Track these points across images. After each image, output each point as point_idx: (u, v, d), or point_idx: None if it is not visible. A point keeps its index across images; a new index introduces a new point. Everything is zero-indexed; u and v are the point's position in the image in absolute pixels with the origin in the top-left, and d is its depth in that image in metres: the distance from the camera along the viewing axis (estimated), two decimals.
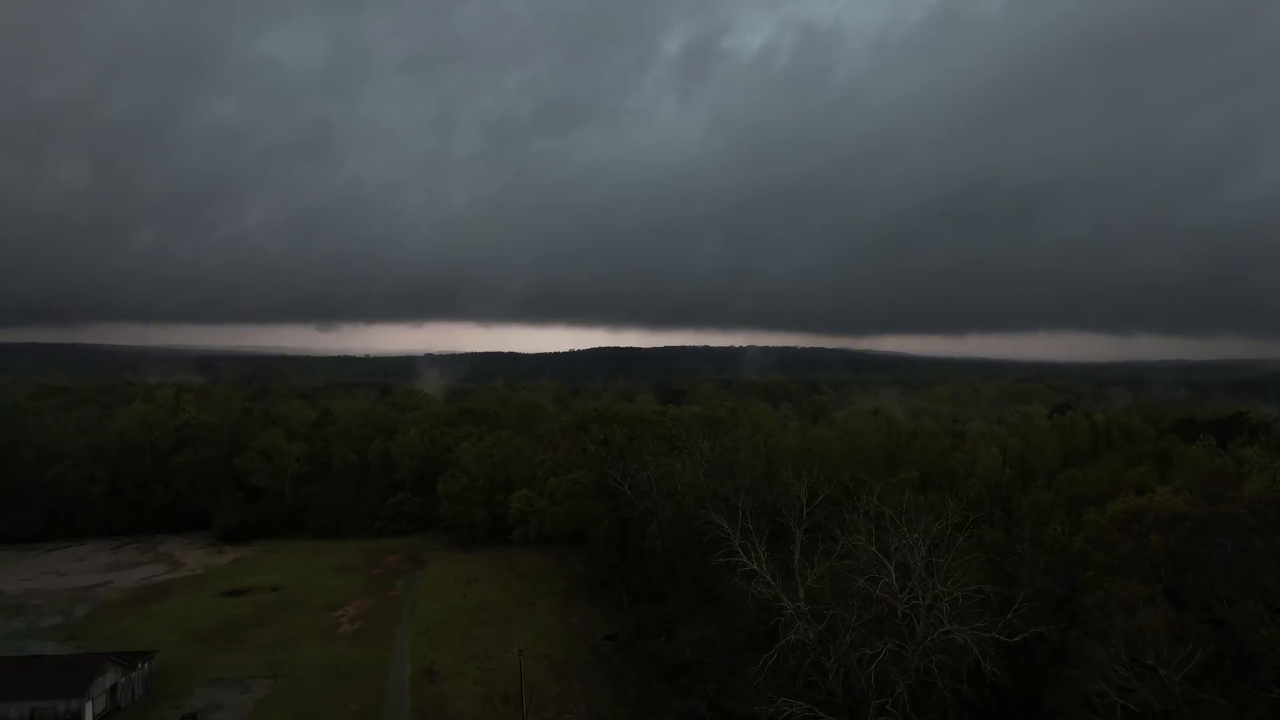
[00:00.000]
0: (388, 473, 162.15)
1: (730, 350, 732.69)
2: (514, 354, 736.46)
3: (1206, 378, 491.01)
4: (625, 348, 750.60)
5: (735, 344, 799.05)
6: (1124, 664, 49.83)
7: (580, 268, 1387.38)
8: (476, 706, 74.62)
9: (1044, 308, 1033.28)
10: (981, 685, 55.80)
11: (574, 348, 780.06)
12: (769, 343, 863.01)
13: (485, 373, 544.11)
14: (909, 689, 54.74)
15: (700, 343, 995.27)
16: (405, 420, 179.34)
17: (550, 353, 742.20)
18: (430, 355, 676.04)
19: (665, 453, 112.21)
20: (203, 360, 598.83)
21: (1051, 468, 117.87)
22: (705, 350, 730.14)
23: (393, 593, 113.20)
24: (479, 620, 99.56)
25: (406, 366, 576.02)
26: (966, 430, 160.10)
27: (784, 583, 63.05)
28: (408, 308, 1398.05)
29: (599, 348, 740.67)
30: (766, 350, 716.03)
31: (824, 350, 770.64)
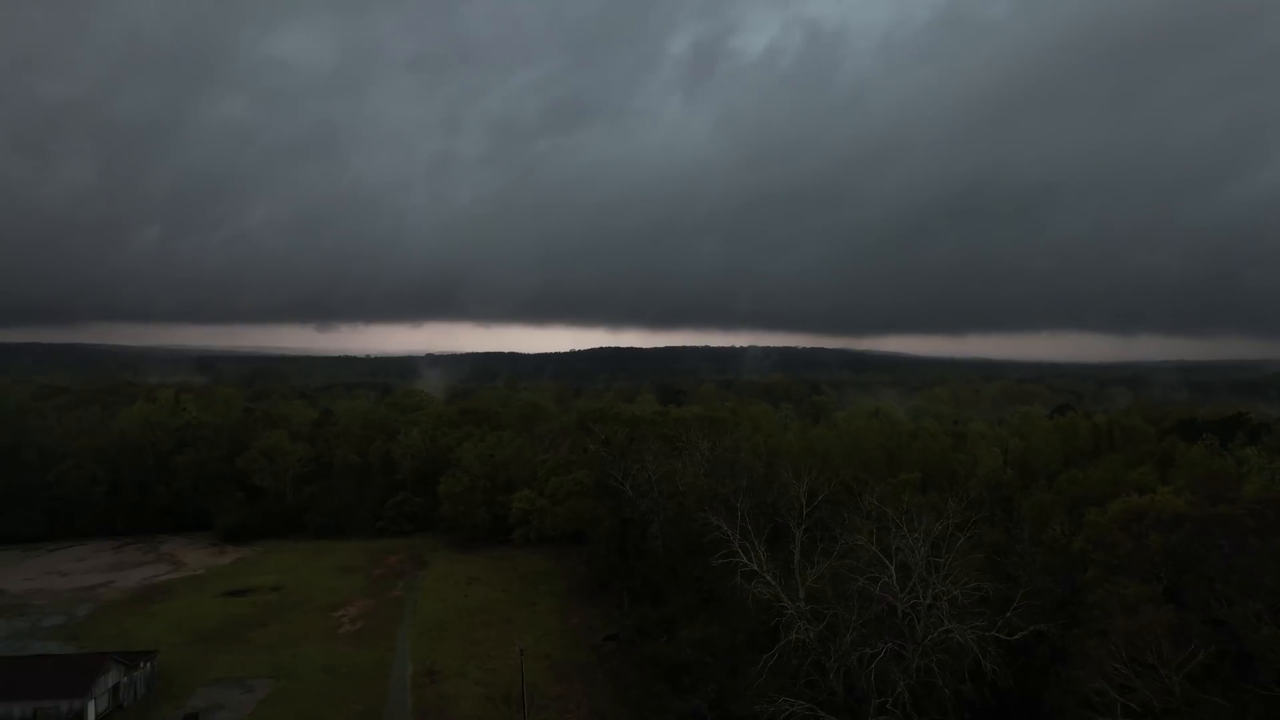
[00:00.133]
0: (389, 473, 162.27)
1: (731, 350, 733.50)
2: (515, 354, 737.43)
3: (1208, 378, 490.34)
4: (626, 348, 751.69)
5: (736, 344, 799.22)
6: (1124, 663, 49.91)
7: (582, 268, 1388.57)
8: (478, 707, 74.74)
9: (1045, 308, 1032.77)
10: (982, 684, 55.92)
11: (575, 348, 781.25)
12: (770, 343, 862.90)
13: (486, 373, 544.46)
14: (909, 688, 54.86)
15: (701, 343, 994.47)
16: (406, 420, 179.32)
17: (551, 353, 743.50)
18: (431, 355, 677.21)
19: (666, 453, 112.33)
20: (203, 360, 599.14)
21: (1052, 468, 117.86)
22: (706, 350, 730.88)
23: (394, 593, 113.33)
24: (480, 620, 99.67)
25: (407, 367, 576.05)
26: (967, 431, 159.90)
27: (784, 583, 63.16)
28: (408, 308, 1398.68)
29: (600, 348, 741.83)
30: (767, 350, 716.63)
31: (825, 350, 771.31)
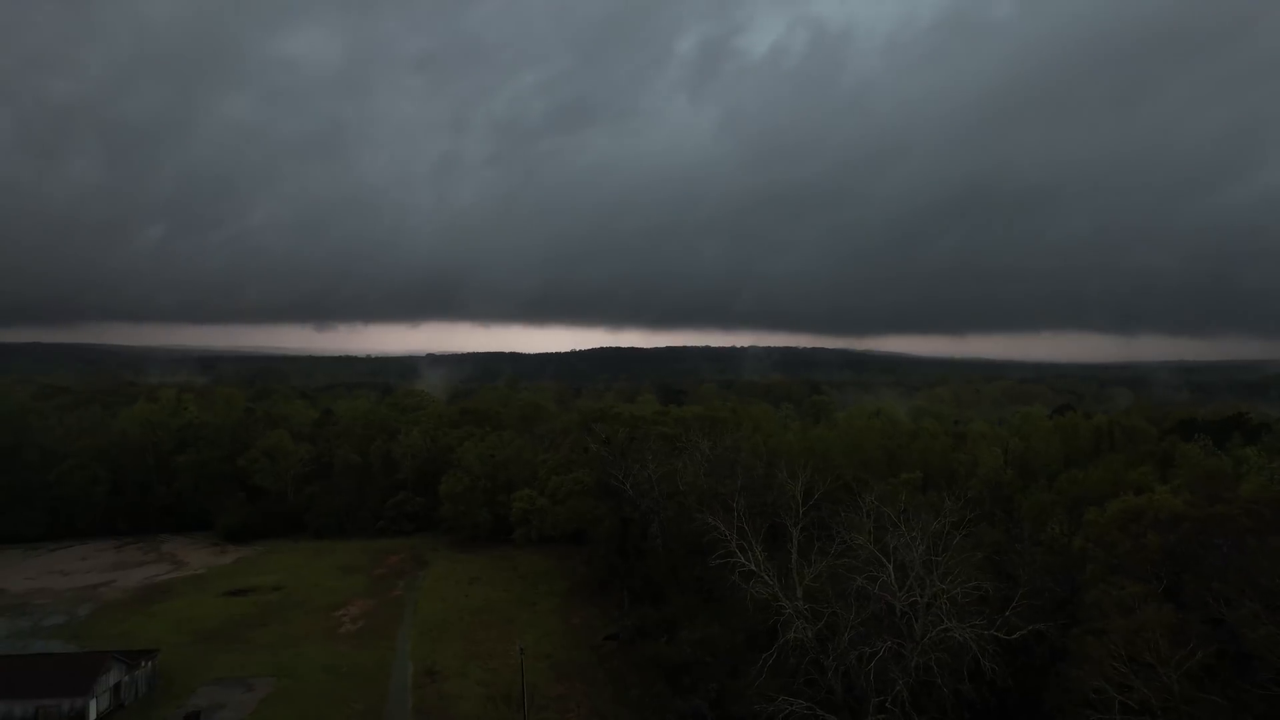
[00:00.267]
0: (390, 473, 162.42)
1: (732, 350, 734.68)
2: (516, 354, 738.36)
3: (1210, 378, 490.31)
4: (627, 348, 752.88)
5: (737, 344, 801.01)
6: (1123, 662, 50.06)
7: (583, 268, 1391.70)
8: (478, 707, 74.89)
9: (1046, 308, 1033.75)
10: (981, 683, 56.00)
11: (575, 348, 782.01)
12: (771, 343, 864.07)
13: (487, 373, 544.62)
14: (909, 687, 54.92)
15: (702, 343, 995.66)
16: (407, 420, 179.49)
17: (552, 353, 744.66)
18: (432, 355, 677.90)
19: (667, 453, 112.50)
20: (204, 360, 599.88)
21: (1053, 468, 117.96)
22: (707, 350, 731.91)
23: (394, 593, 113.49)
24: (481, 620, 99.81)
25: (408, 367, 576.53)
26: (968, 431, 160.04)
27: (782, 582, 63.28)
28: (409, 308, 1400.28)
29: (601, 348, 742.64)
30: (768, 350, 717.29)
31: (826, 350, 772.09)
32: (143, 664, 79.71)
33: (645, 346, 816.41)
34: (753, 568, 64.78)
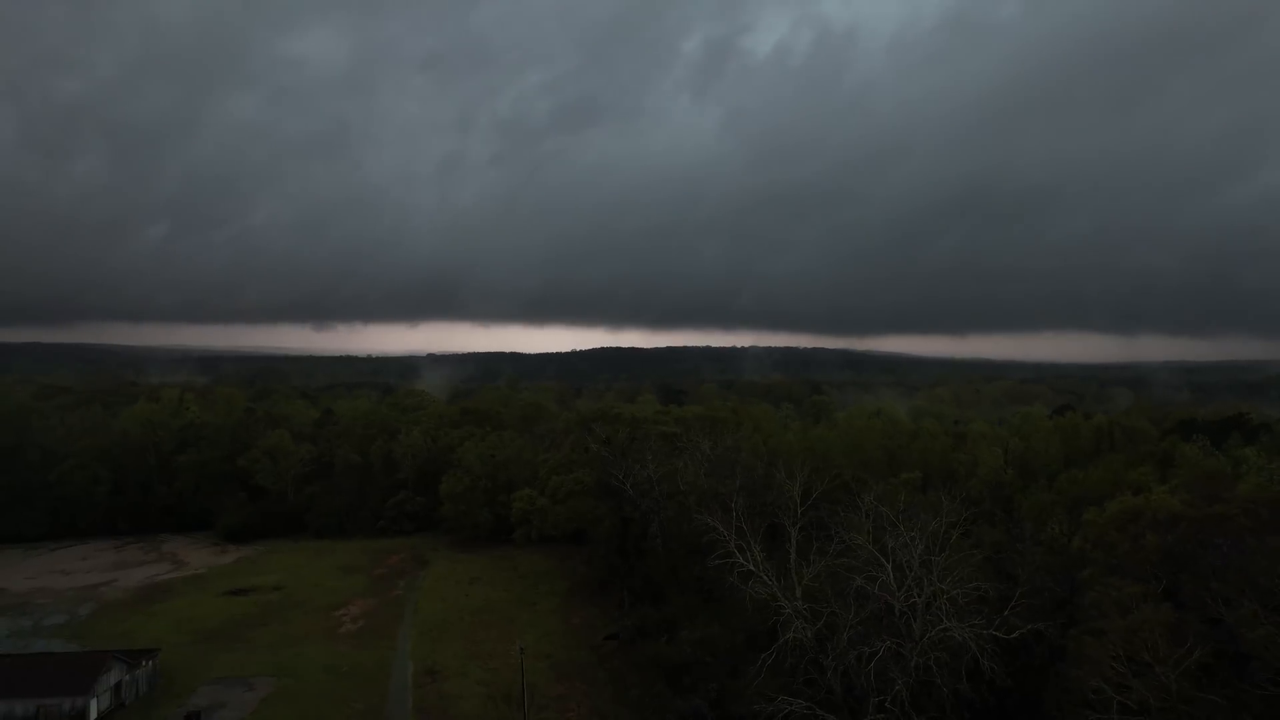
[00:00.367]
0: (390, 473, 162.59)
1: (732, 350, 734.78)
2: (516, 354, 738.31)
3: (1210, 378, 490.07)
4: (627, 348, 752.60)
5: (737, 344, 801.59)
6: (1122, 662, 50.15)
7: (584, 268, 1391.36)
8: (479, 706, 75.02)
9: (1047, 308, 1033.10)
10: (981, 683, 56.11)
11: (576, 348, 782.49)
12: (771, 343, 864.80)
13: (487, 373, 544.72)
14: (908, 687, 55.03)
15: (702, 343, 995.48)
16: (407, 420, 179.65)
17: (552, 353, 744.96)
18: (432, 355, 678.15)
19: (667, 452, 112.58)
20: (205, 360, 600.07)
21: (1053, 468, 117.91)
22: (707, 350, 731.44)
23: (395, 592, 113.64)
24: (481, 620, 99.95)
25: (408, 367, 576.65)
26: (968, 431, 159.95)
27: (781, 582, 63.39)
28: (410, 308, 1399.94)
29: (601, 348, 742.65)
30: (769, 350, 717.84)
31: (826, 351, 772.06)
32: (143, 663, 79.88)
33: (646, 346, 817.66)
34: (751, 568, 64.90)
